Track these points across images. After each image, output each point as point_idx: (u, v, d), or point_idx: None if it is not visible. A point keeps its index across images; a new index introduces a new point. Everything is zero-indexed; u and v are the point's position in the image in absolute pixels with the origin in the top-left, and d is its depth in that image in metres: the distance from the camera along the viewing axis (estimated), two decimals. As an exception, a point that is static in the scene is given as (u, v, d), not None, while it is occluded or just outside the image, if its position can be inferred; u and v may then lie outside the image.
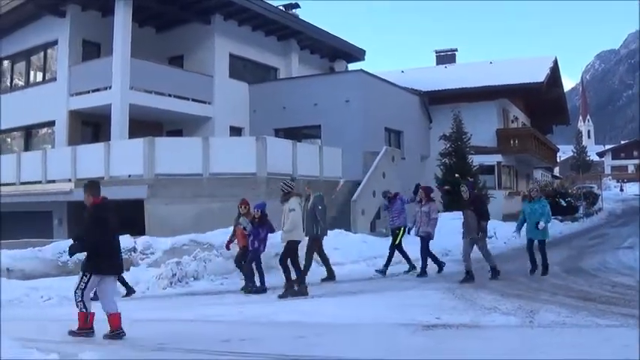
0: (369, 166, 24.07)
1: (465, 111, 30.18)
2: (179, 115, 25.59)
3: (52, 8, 25.26)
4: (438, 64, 43.32)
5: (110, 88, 23.37)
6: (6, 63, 29.66)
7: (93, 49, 25.81)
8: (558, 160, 57.49)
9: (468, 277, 13.27)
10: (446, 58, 43.44)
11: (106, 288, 8.58)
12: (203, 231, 16.29)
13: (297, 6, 32.62)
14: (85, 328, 8.44)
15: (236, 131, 27.60)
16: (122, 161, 20.37)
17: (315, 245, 14.47)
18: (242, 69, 28.73)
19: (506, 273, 14.26)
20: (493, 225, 23.26)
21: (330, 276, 14.60)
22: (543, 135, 45.21)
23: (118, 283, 12.07)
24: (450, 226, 22.19)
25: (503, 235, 22.59)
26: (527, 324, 8.40)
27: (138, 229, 18.04)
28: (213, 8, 26.30)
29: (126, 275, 14.51)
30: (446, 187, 23.47)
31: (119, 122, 22.85)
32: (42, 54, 27.55)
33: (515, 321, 8.61)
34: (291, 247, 12.34)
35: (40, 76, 28.06)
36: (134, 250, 16.54)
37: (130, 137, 22.44)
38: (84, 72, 24.59)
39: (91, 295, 8.61)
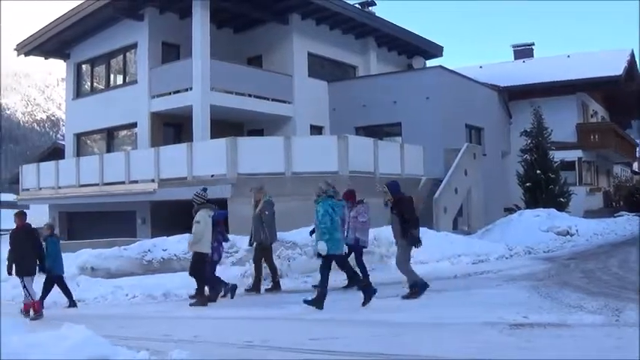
0: (451, 164, 24.18)
1: (544, 106, 30.13)
2: (260, 114, 26.02)
3: (131, 12, 26.06)
4: (515, 58, 43.08)
5: (191, 89, 23.93)
6: (86, 66, 30.70)
7: (172, 51, 26.55)
8: (637, 156, 56.32)
9: (412, 291, 11.67)
10: (523, 52, 43.07)
11: None
12: (286, 229, 16.54)
13: (373, 3, 32.97)
14: None
15: (316, 130, 27.97)
16: (205, 161, 20.93)
17: (263, 253, 14.44)
18: (321, 68, 29.05)
19: (590, 271, 14.15)
20: (574, 222, 23.34)
21: (275, 287, 14.41)
22: (622, 129, 44.54)
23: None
24: (530, 223, 22.43)
25: (584, 232, 22.51)
26: (613, 322, 8.35)
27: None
28: (290, 8, 26.69)
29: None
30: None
31: (201, 123, 23.42)
32: (121, 57, 28.39)
33: (602, 320, 8.55)
34: (197, 259, 12.88)
35: (119, 79, 28.93)
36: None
37: (211, 137, 22.99)
38: (164, 74, 25.33)
39: None
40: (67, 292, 14.46)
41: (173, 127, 26.42)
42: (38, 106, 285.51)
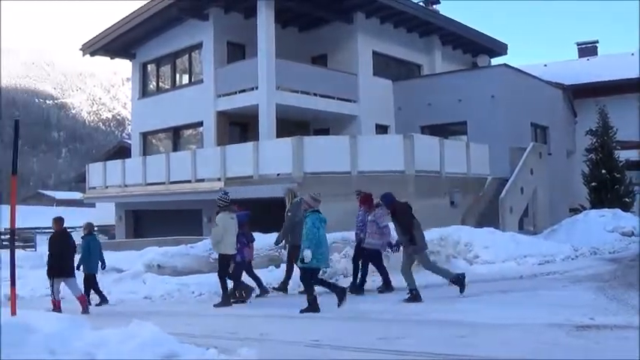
0: (516, 163, 24.04)
1: (608, 104, 29.75)
2: (325, 113, 26.16)
3: (195, 12, 26.43)
4: (580, 56, 42.46)
5: (256, 88, 24.12)
6: (151, 66, 31.26)
7: (238, 51, 26.86)
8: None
9: (411, 297, 11.93)
10: (587, 50, 42.47)
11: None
12: (351, 229, 16.27)
13: (437, 1, 32.91)
14: None
15: (382, 129, 27.97)
16: (271, 160, 21.14)
17: (292, 253, 14.47)
18: (385, 66, 29.01)
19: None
20: (633, 223, 22.94)
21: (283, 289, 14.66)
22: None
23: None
24: (595, 224, 22.10)
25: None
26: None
27: None
28: (354, 7, 26.75)
29: (277, 272, 15.41)
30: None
31: (266, 122, 23.62)
32: (187, 56, 28.80)
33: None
34: (221, 260, 13.38)
35: (185, 79, 29.35)
36: (284, 247, 17.46)
37: (277, 136, 23.21)
38: (230, 73, 25.61)
39: None
40: (97, 291, 15.41)
41: (239, 126, 26.69)
42: (104, 106, 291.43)
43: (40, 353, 6.12)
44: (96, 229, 19.71)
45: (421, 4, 31.01)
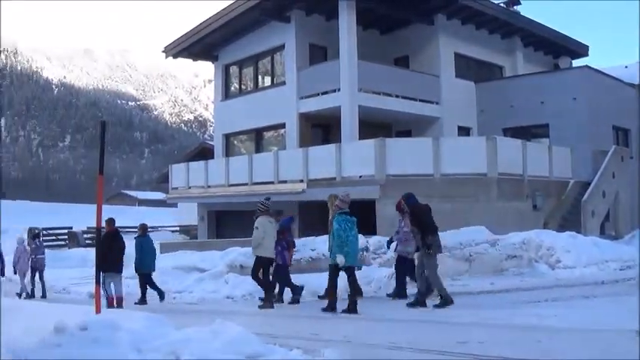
0: (598, 166, 23.82)
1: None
2: (407, 115, 26.14)
3: (277, 14, 26.75)
4: (658, 58, 41.33)
5: (339, 90, 24.25)
6: (234, 68, 31.66)
7: (319, 53, 27.05)
8: None
9: (441, 301, 12.02)
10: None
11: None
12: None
13: (517, 2, 32.53)
14: None
15: (464, 131, 27.86)
16: (353, 162, 21.23)
17: None
18: (467, 68, 28.88)
19: None
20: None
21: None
22: None
23: None
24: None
25: None
26: None
27: (370, 229, 18.79)
28: (436, 8, 26.67)
29: (358, 274, 15.53)
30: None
31: (349, 124, 23.73)
32: (269, 58, 29.08)
33: None
34: (258, 262, 14.01)
35: (267, 80, 29.67)
36: (366, 249, 17.40)
37: (359, 138, 23.27)
38: (312, 75, 25.85)
39: None
40: (155, 288, 16.61)
41: (321, 128, 26.89)
42: (185, 107, 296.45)
43: (127, 351, 6.27)
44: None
45: (502, 4, 30.69)
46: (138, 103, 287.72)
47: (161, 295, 16.57)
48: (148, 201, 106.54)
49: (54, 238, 37.97)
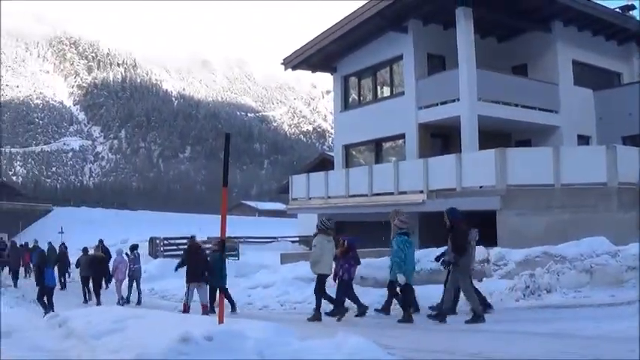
0: None
1: None
2: (526, 124, 26.05)
3: (395, 24, 27.17)
4: None
5: (458, 100, 24.47)
6: (352, 79, 32.16)
7: (437, 62, 27.34)
8: None
9: (474, 317, 12.48)
10: None
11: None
12: (554, 242, 16.60)
13: (632, 7, 31.93)
14: None
15: (583, 140, 27.51)
16: (473, 172, 21.37)
17: None
18: (585, 75, 28.41)
19: None
20: None
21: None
22: None
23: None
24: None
25: None
26: None
27: (490, 240, 18.80)
28: (552, 15, 26.54)
29: (479, 286, 15.85)
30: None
31: (468, 133, 23.89)
32: (387, 69, 29.48)
33: None
34: (318, 280, 14.88)
35: (386, 91, 30.09)
36: (487, 261, 17.38)
37: (479, 148, 23.40)
38: (430, 85, 26.14)
39: None
40: (229, 300, 17.51)
41: (440, 138, 27.11)
42: (304, 118, 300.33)
43: (252, 361, 6.55)
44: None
45: (617, 10, 30.24)
46: (257, 114, 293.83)
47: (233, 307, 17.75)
48: (267, 211, 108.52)
49: (174, 247, 39.55)
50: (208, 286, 17.87)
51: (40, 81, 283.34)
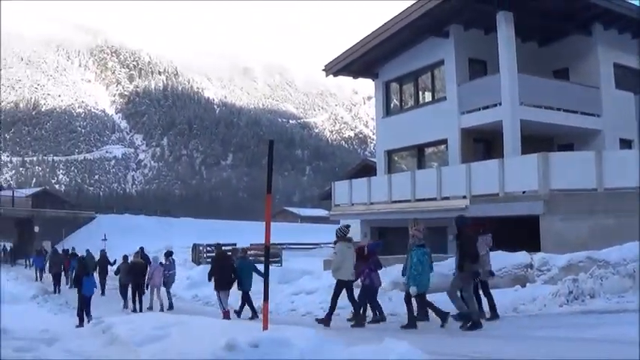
0: None
1: None
2: (568, 128, 25.99)
3: (435, 30, 27.37)
4: None
5: (500, 104, 24.50)
6: (394, 85, 32.35)
7: (479, 67, 27.39)
8: None
9: (471, 324, 13.01)
10: None
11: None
12: (597, 247, 16.59)
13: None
14: None
15: (626, 144, 27.32)
16: (516, 177, 21.42)
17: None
18: (626, 78, 28.13)
19: None
20: None
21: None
22: None
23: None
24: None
25: None
26: None
27: (533, 246, 19.00)
28: (592, 18, 26.42)
29: (522, 291, 15.95)
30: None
31: (510, 138, 23.87)
32: (429, 74, 29.62)
33: None
34: (337, 284, 15.50)
35: (427, 96, 30.20)
36: (530, 266, 17.45)
37: (522, 153, 23.40)
38: (472, 90, 26.21)
39: None
40: (250, 306, 18.64)
41: (482, 143, 27.14)
42: (346, 124, 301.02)
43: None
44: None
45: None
46: (298, 121, 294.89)
47: (254, 313, 18.62)
48: (309, 218, 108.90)
49: (217, 254, 40.08)
50: (241, 292, 19.02)
51: (82, 90, 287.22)
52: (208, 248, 40.70)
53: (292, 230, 74.77)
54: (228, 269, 19.00)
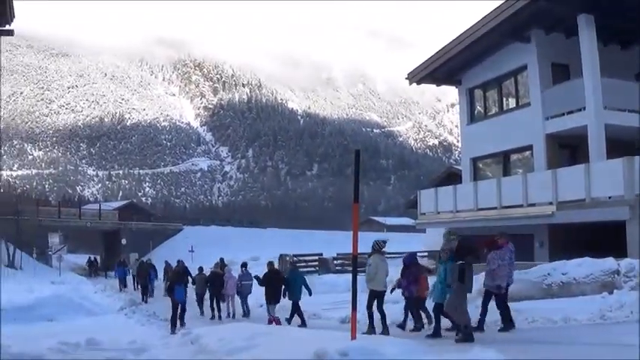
0: None
1: None
2: None
3: (517, 35, 27.29)
4: None
5: (584, 109, 24.28)
6: (477, 91, 32.34)
7: (562, 72, 27.05)
8: None
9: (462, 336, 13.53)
10: None
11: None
12: None
13: None
14: None
15: None
16: (601, 182, 21.19)
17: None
18: None
19: None
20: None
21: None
22: None
23: None
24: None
25: None
26: None
27: (620, 251, 18.81)
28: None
29: (609, 298, 15.98)
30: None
31: (596, 143, 23.64)
32: (512, 80, 29.57)
33: None
34: (370, 295, 16.44)
35: (512, 102, 30.08)
36: (617, 272, 17.32)
37: (607, 157, 23.12)
38: (556, 95, 26.00)
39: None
40: (299, 315, 20.19)
41: (567, 148, 26.86)
42: (430, 132, 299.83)
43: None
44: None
45: None
46: (383, 130, 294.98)
47: (303, 322, 20.10)
48: (395, 226, 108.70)
49: (304, 264, 40.67)
50: (291, 302, 20.46)
51: (167, 103, 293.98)
52: (295, 259, 41.35)
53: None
54: (279, 282, 20.68)
